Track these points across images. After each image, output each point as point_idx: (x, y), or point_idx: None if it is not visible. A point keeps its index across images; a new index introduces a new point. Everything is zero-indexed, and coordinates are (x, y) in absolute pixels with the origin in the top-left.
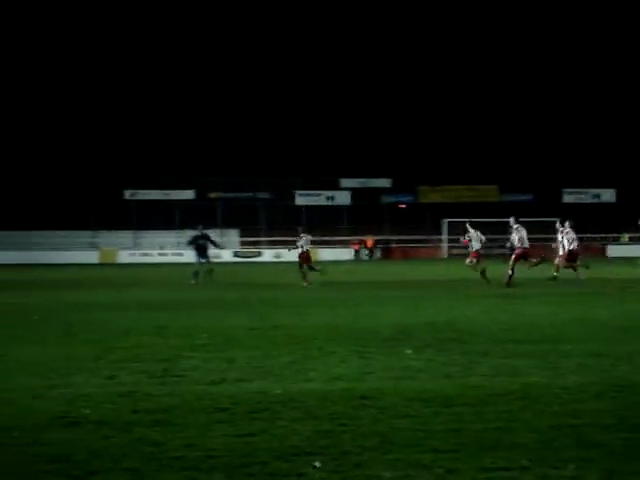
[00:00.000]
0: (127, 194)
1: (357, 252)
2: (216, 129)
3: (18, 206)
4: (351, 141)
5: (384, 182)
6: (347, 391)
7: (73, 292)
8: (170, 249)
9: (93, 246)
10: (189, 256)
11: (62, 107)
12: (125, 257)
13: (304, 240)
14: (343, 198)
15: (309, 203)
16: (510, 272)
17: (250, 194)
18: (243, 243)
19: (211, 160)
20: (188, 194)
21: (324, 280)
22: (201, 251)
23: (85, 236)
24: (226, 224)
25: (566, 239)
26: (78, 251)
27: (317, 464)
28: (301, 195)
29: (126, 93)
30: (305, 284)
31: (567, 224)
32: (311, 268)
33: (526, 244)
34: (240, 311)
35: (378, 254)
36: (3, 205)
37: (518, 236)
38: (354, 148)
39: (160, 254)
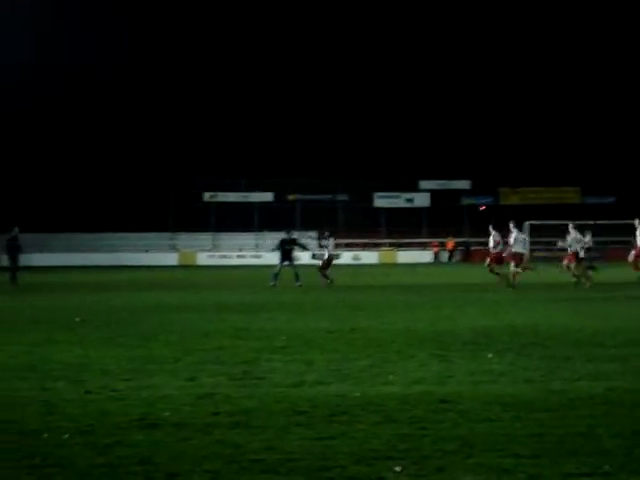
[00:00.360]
0: (206, 196)
1: (436, 254)
2: (295, 131)
3: (100, 209)
4: (431, 142)
5: (464, 184)
6: (427, 395)
7: (153, 294)
8: (249, 251)
9: (172, 248)
10: (268, 258)
11: (142, 109)
12: (204, 259)
13: (331, 245)
14: (422, 200)
15: (388, 205)
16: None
17: (329, 196)
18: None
19: (290, 162)
20: (267, 196)
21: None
22: (286, 254)
23: (164, 238)
24: (304, 226)
25: None
26: (158, 253)
27: (397, 468)
28: (380, 197)
29: (205, 95)
30: (327, 282)
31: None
32: (324, 274)
33: (519, 248)
34: (318, 313)
35: (458, 256)
36: (87, 208)
37: (513, 238)
38: (434, 149)
39: (239, 256)
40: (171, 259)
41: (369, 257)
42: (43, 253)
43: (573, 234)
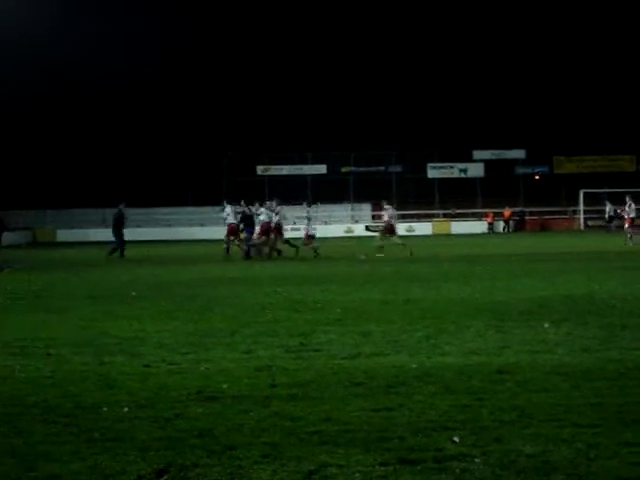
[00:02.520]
0: (259, 170)
1: (491, 225)
2: (348, 103)
3: (155, 184)
4: (485, 112)
5: (518, 153)
6: (484, 365)
7: (208, 268)
8: (302, 224)
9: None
10: (321, 231)
11: (197, 83)
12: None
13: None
14: (476, 170)
15: (441, 176)
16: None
17: (382, 168)
18: (375, 217)
19: (343, 134)
20: (320, 169)
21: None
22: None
23: (219, 212)
24: (358, 198)
25: None
26: (213, 227)
27: (456, 439)
28: (433, 168)
29: (259, 68)
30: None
31: None
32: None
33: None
34: (373, 285)
35: (512, 226)
36: (142, 183)
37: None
38: (488, 119)
39: (293, 229)
40: (223, 233)
41: (423, 228)
42: (101, 228)
43: (629, 202)
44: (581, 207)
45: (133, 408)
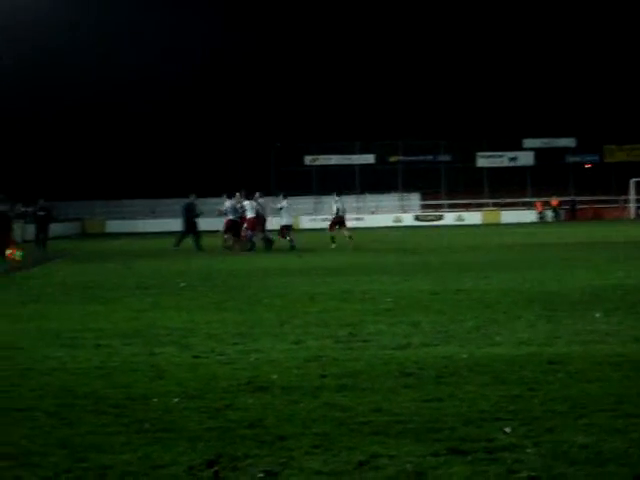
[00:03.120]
0: (307, 160)
1: (541, 213)
2: (397, 92)
3: (204, 174)
4: (534, 100)
5: (569, 141)
6: (535, 355)
7: (257, 258)
8: (350, 214)
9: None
10: (369, 221)
11: (243, 74)
12: (306, 222)
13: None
14: (526, 159)
15: (491, 165)
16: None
17: (431, 157)
18: (424, 207)
19: (391, 124)
20: (368, 158)
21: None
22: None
23: (267, 202)
24: (407, 188)
25: None
26: None
27: (507, 429)
28: (483, 157)
29: (304, 59)
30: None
31: None
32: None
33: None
34: (422, 275)
35: (563, 215)
36: (192, 174)
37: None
38: (537, 107)
39: (351, 219)
40: (273, 223)
41: (472, 217)
42: (150, 219)
43: None
44: (632, 196)
45: (183, 399)
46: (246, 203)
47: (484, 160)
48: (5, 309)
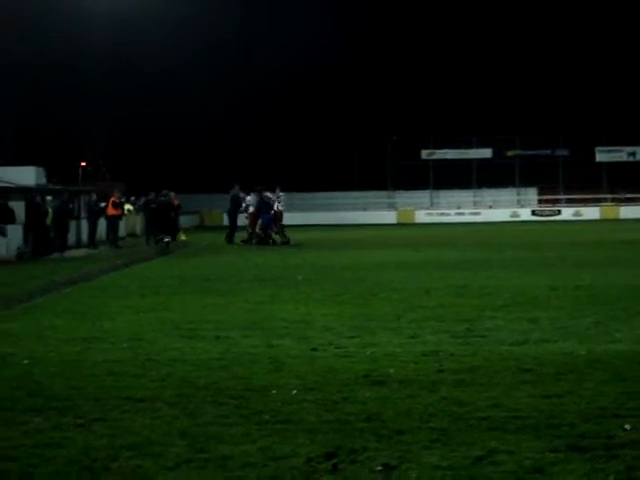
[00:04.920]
0: (424, 154)
1: None
2: (514, 85)
3: (319, 168)
4: None
5: None
6: None
7: (372, 252)
8: (467, 208)
9: (391, 206)
10: (487, 215)
11: (364, 70)
12: (422, 217)
13: (282, 200)
14: None
15: (610, 159)
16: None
17: (548, 151)
18: (541, 201)
19: (509, 118)
20: (485, 152)
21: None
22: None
23: (383, 196)
24: (524, 182)
25: None
26: (376, 211)
27: (627, 426)
28: (602, 151)
29: (422, 58)
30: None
31: None
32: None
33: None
34: (540, 270)
35: None
36: (306, 168)
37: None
38: None
39: (457, 213)
40: (390, 217)
41: (590, 213)
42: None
43: None
44: None
45: (302, 391)
46: (249, 198)
47: (603, 155)
48: (126, 300)
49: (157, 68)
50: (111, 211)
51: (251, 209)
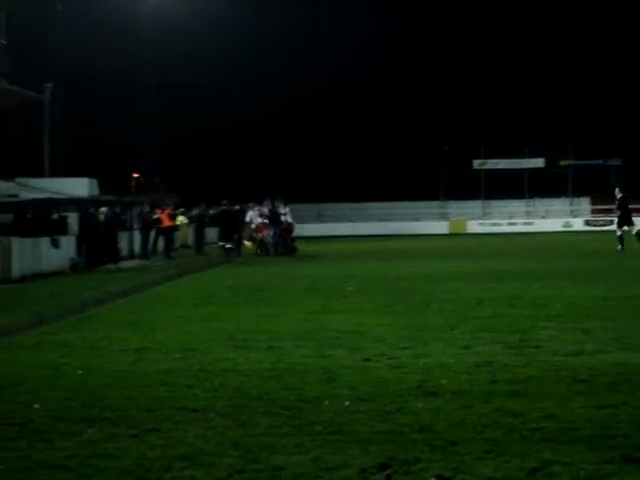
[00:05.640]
0: (476, 164)
1: None
2: (566, 96)
3: (371, 178)
4: None
5: None
6: None
7: (425, 262)
8: (520, 218)
9: (443, 216)
10: (539, 226)
11: (414, 78)
12: (474, 227)
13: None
14: None
15: None
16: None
17: (600, 161)
18: (594, 211)
19: (562, 127)
20: (538, 162)
21: None
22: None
23: (434, 206)
24: (576, 192)
25: None
26: (428, 221)
27: None
28: None
29: (474, 68)
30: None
31: None
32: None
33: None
34: (593, 281)
35: None
36: (358, 178)
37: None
38: None
39: (509, 223)
40: (441, 227)
41: None
42: (317, 223)
43: None
44: None
45: (354, 401)
46: (250, 212)
47: None
48: (179, 311)
49: (206, 80)
50: (167, 222)
51: (258, 220)
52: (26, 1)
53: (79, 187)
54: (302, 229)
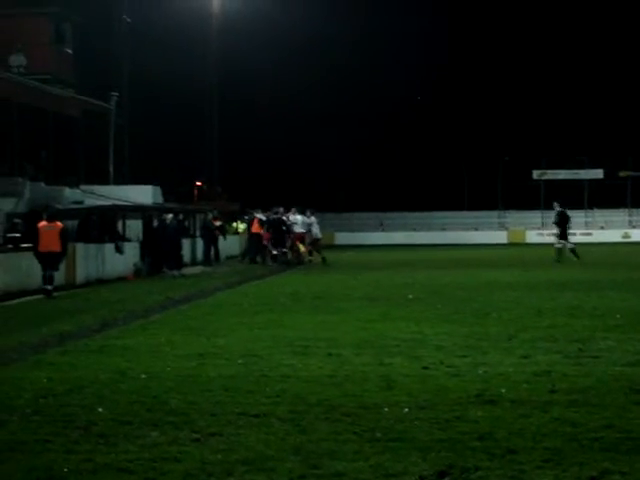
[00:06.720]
0: (536, 174)
1: None
2: (626, 106)
3: (431, 187)
4: None
5: None
6: None
7: (484, 272)
8: (578, 229)
9: (501, 226)
10: (597, 236)
11: (471, 88)
12: (533, 237)
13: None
14: None
15: None
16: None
17: None
18: None
19: (621, 138)
20: (597, 173)
21: None
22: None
23: (493, 216)
24: (635, 203)
25: None
26: (487, 231)
27: None
28: None
29: (536, 78)
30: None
31: None
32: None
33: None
34: None
35: None
36: (418, 187)
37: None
38: None
39: (568, 234)
40: (500, 237)
41: None
42: (378, 232)
43: None
44: None
45: (413, 409)
46: (292, 217)
47: None
48: (240, 317)
49: (267, 93)
50: (255, 229)
51: (298, 229)
52: (91, 11)
53: (143, 194)
54: (364, 238)
